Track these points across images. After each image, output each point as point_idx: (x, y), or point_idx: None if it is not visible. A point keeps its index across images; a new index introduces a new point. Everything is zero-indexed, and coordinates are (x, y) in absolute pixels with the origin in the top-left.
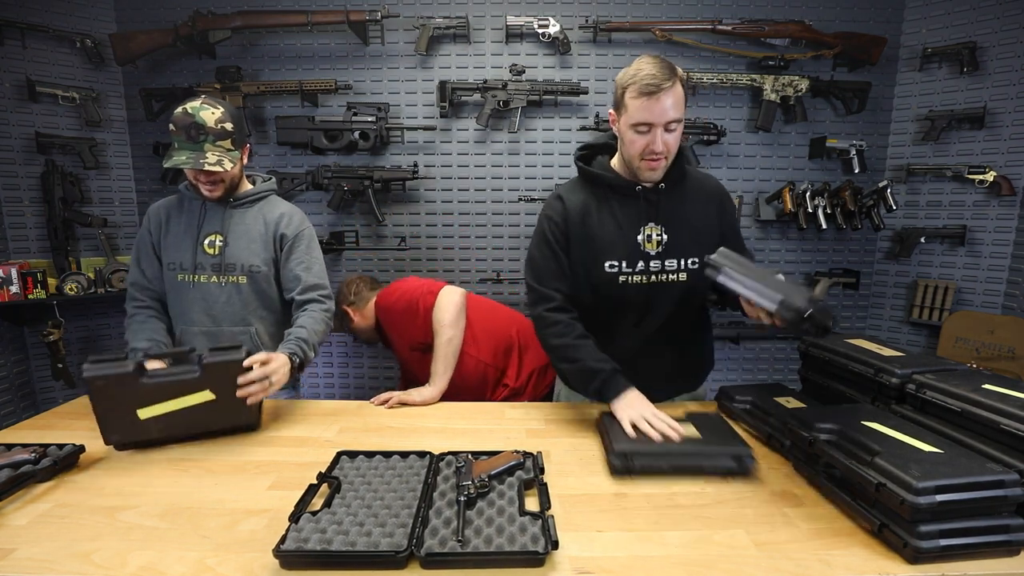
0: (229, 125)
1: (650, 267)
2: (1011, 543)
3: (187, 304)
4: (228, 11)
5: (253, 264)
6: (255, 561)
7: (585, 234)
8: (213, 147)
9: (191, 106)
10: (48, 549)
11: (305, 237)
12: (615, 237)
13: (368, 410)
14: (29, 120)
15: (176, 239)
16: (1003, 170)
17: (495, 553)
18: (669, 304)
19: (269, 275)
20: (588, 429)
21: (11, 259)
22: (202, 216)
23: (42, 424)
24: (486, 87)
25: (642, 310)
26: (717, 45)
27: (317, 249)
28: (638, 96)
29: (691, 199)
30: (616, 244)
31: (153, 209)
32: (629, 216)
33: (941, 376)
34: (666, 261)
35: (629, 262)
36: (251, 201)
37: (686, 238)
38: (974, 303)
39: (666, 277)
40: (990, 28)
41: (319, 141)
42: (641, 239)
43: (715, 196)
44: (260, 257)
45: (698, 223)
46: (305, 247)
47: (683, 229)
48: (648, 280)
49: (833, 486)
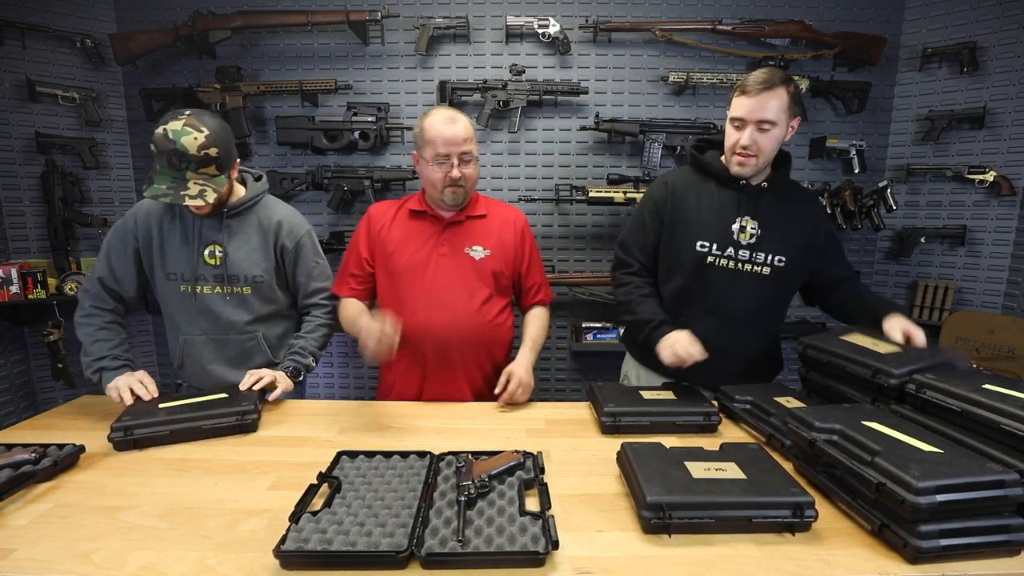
0: (214, 151)
1: (739, 255)
2: (1011, 543)
3: (191, 314)
4: (228, 11)
5: (256, 275)
6: (255, 561)
7: (684, 215)
8: (196, 175)
9: (172, 129)
10: (48, 549)
11: (306, 244)
12: (711, 221)
13: (368, 410)
14: (29, 120)
15: (174, 249)
16: (1003, 170)
17: (495, 553)
18: (750, 297)
19: (272, 283)
20: (588, 429)
21: (11, 259)
22: (199, 225)
23: (42, 424)
24: (486, 87)
25: (723, 296)
26: (717, 45)
27: (317, 250)
28: (739, 94)
29: (791, 204)
30: (710, 227)
31: (142, 215)
32: (728, 205)
33: (941, 376)
34: (755, 253)
35: (720, 246)
36: (246, 208)
37: (778, 237)
38: (974, 303)
39: (751, 268)
40: (990, 28)
41: (319, 141)
42: (736, 228)
43: (816, 211)
44: (261, 267)
45: (792, 227)
46: (308, 254)
47: (776, 228)
48: (734, 267)
49: (833, 486)
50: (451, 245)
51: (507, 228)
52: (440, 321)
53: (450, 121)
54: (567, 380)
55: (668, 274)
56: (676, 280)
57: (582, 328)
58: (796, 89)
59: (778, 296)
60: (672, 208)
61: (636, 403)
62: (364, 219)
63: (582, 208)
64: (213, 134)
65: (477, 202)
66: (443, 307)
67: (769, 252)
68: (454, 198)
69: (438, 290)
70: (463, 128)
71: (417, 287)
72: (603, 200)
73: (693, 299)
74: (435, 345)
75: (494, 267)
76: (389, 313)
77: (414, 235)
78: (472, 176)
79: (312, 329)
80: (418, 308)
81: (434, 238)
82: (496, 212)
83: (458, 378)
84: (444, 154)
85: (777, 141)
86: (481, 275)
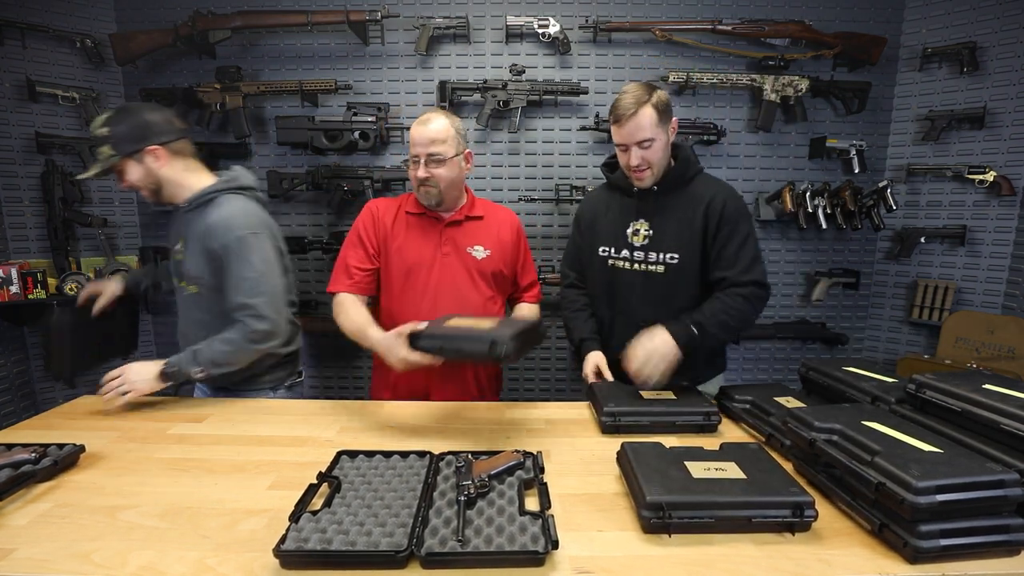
0: (104, 131)
1: (634, 256)
2: (1011, 543)
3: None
4: (228, 11)
5: (197, 275)
6: (255, 561)
7: (592, 227)
8: (98, 153)
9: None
10: (48, 549)
11: (232, 250)
12: (610, 228)
13: (368, 410)
14: (29, 120)
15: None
16: (1003, 170)
17: (495, 553)
18: (649, 295)
19: (212, 284)
20: (588, 429)
21: (11, 259)
22: (178, 220)
23: (42, 424)
24: (486, 87)
25: (628, 296)
26: (717, 45)
27: (246, 260)
28: (613, 122)
29: (682, 202)
30: (609, 233)
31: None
32: (626, 211)
33: (941, 376)
34: (648, 253)
35: (616, 249)
36: (201, 204)
37: (669, 235)
38: (974, 303)
39: (646, 268)
40: (990, 28)
41: (319, 141)
42: (629, 232)
43: (702, 201)
44: (200, 267)
45: (684, 224)
46: (233, 262)
47: (668, 227)
48: (630, 267)
49: (833, 486)
50: (454, 245)
51: (505, 229)
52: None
53: (423, 121)
54: (567, 380)
55: (588, 282)
56: (592, 286)
57: None
58: (659, 98)
59: (677, 293)
60: (585, 223)
61: (636, 403)
62: (367, 213)
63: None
64: (114, 118)
65: (474, 204)
66: (448, 306)
67: (660, 251)
68: (426, 198)
69: (443, 289)
70: (434, 129)
71: (421, 286)
72: None
73: (606, 303)
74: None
75: (495, 267)
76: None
77: (416, 234)
78: (443, 177)
79: (221, 343)
80: (423, 308)
81: (436, 238)
82: (493, 214)
83: (466, 375)
84: (415, 154)
85: (662, 149)
86: (483, 275)
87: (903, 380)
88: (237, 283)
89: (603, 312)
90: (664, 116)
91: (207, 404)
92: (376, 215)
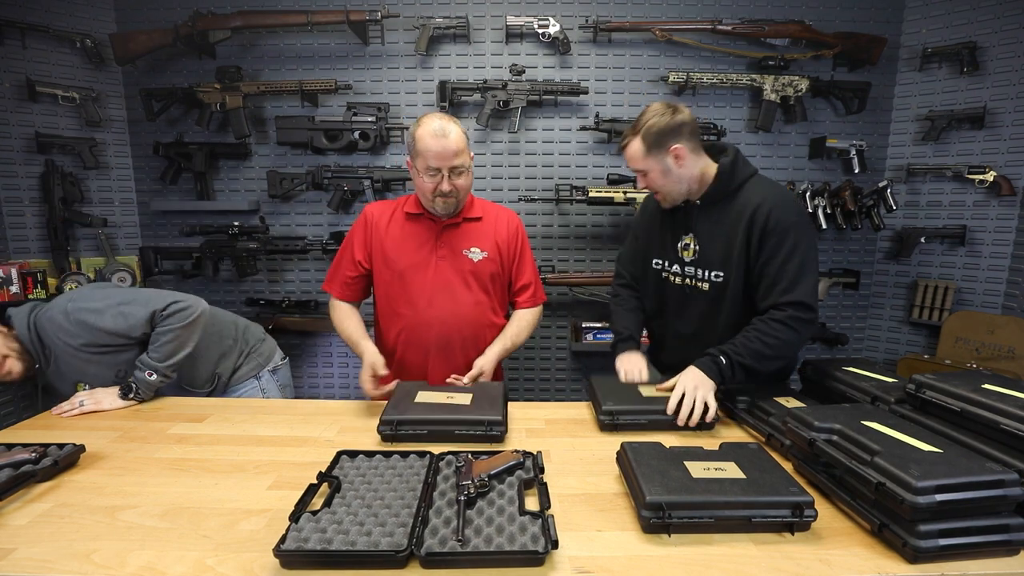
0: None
1: (685, 272)
2: (1011, 543)
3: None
4: (228, 11)
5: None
6: (255, 561)
7: (647, 234)
8: None
9: None
10: (48, 549)
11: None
12: (664, 240)
13: (368, 410)
14: (29, 120)
15: None
16: (1003, 170)
17: (495, 552)
18: (694, 312)
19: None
20: (588, 429)
21: (11, 259)
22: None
23: (42, 424)
24: (486, 87)
25: (676, 311)
26: (717, 45)
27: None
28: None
29: (727, 215)
30: (662, 246)
31: None
32: (676, 225)
33: (941, 376)
34: (697, 269)
35: (669, 262)
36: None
37: (715, 252)
38: (974, 303)
39: (695, 284)
40: (990, 28)
41: (319, 141)
42: (680, 246)
43: (745, 213)
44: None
45: (728, 243)
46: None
47: (713, 244)
48: (681, 283)
49: (833, 486)
50: (450, 247)
51: (503, 229)
52: (440, 318)
53: (440, 135)
54: (567, 380)
55: (641, 288)
56: (646, 295)
57: (582, 328)
58: (648, 128)
59: (719, 312)
60: (642, 230)
61: (634, 400)
62: (360, 219)
63: (582, 208)
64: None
65: (473, 204)
66: (442, 307)
67: (707, 268)
68: (445, 208)
69: (438, 291)
70: (454, 141)
71: (417, 288)
72: (603, 200)
73: (657, 313)
74: (437, 339)
75: (491, 269)
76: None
77: (412, 236)
78: (464, 186)
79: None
80: (418, 309)
81: (432, 240)
82: (492, 214)
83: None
84: (435, 167)
85: (663, 177)
86: (479, 277)
87: (903, 380)
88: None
89: (654, 323)
90: (655, 146)
91: (207, 404)
92: (369, 220)
